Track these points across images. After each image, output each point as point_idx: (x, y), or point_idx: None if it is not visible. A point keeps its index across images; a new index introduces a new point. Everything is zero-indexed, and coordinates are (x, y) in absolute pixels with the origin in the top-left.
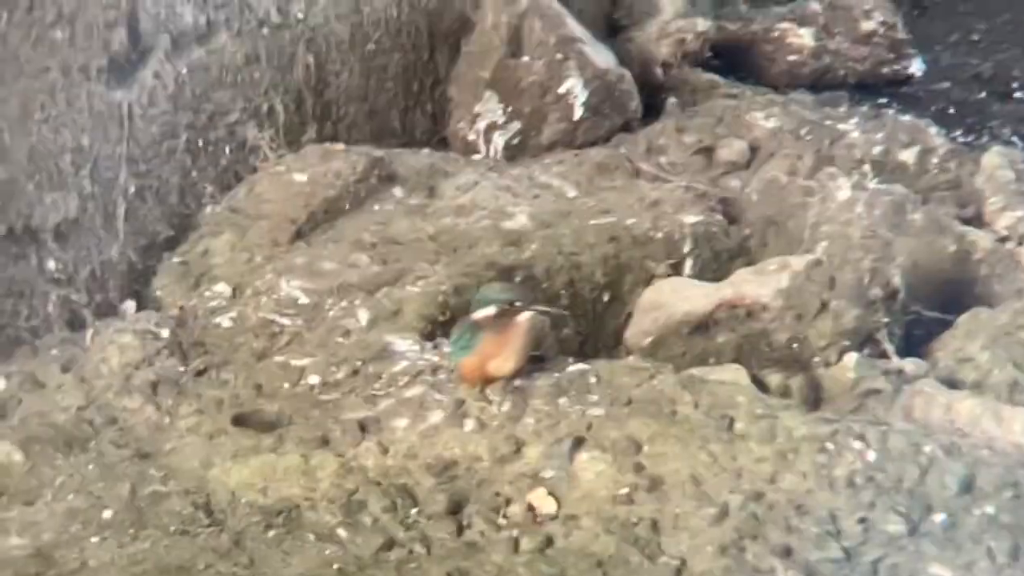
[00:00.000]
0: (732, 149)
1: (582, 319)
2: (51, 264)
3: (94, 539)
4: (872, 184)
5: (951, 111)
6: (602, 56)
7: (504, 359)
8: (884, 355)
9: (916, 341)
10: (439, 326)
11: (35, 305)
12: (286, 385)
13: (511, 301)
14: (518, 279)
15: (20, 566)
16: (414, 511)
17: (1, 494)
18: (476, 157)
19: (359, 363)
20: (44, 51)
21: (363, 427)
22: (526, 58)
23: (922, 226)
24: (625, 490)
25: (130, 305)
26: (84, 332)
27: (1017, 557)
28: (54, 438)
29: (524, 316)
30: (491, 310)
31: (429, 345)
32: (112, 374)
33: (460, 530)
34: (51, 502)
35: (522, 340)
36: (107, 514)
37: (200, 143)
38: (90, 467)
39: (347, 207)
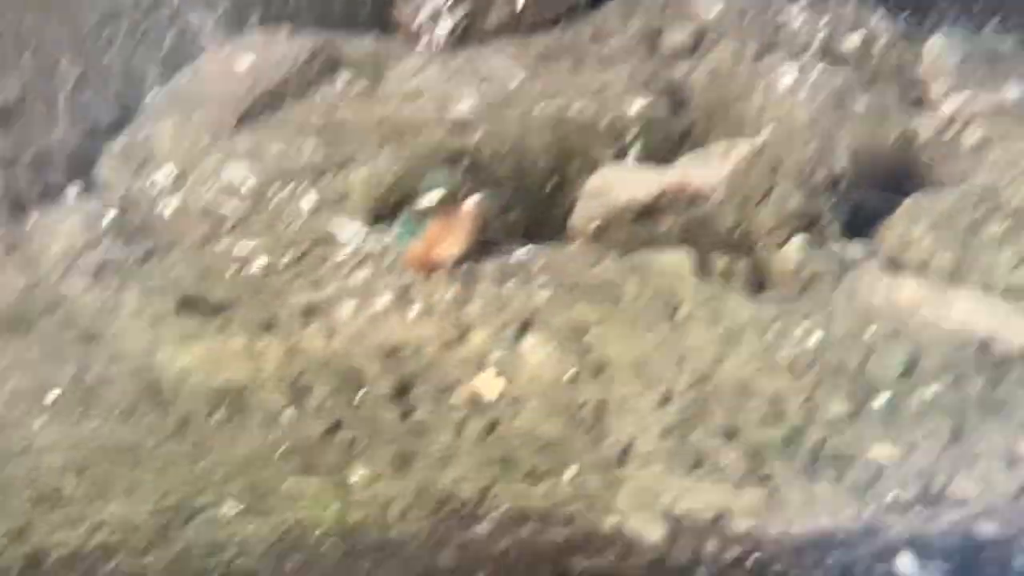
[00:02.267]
0: (677, 35)
1: (527, 205)
2: None
3: (40, 421)
4: (816, 70)
5: None
6: None
7: (449, 244)
8: (828, 239)
9: (860, 225)
10: (385, 212)
11: None
12: (231, 270)
13: (457, 187)
14: (464, 165)
15: None
16: (360, 394)
17: None
18: (421, 43)
19: (304, 248)
20: None
21: (309, 311)
22: None
23: (866, 112)
24: (571, 373)
25: (74, 189)
26: (27, 214)
27: (959, 437)
28: None
29: (469, 202)
30: (437, 195)
31: (375, 230)
32: (56, 258)
33: (407, 413)
34: None
35: (467, 226)
36: (52, 396)
37: (143, 27)
38: (35, 349)
39: (292, 92)
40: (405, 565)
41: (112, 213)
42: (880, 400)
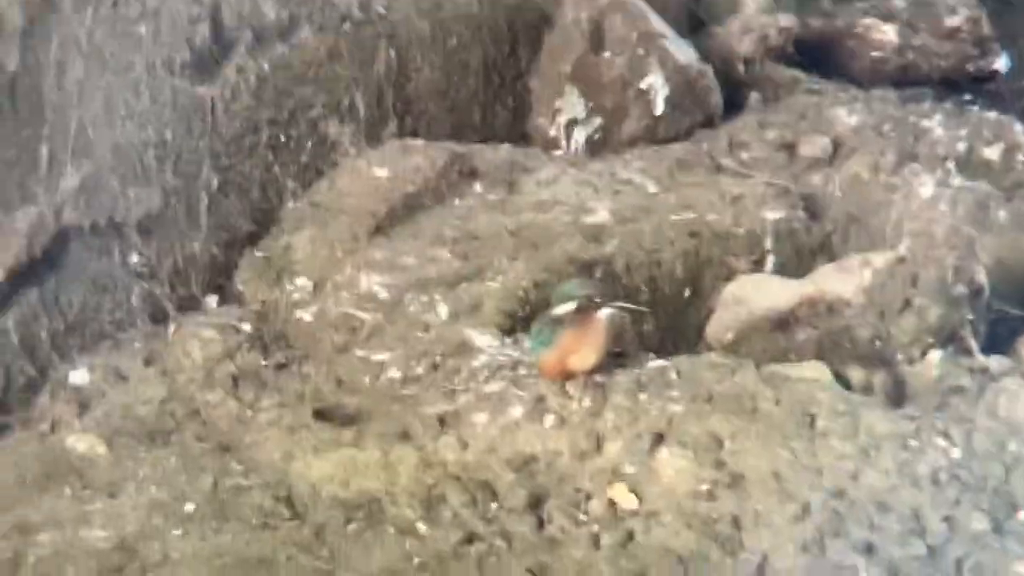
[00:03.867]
0: (814, 145)
1: (662, 315)
2: (134, 258)
3: (176, 532)
4: (956, 181)
5: None
6: (683, 52)
7: (584, 354)
8: (968, 352)
9: (1000, 339)
10: (519, 321)
11: (119, 299)
12: (366, 379)
13: (591, 297)
14: (598, 274)
15: (104, 558)
16: (494, 506)
17: (85, 487)
18: (557, 152)
19: (439, 357)
20: (129, 46)
21: (443, 421)
22: (607, 53)
23: (1006, 223)
24: (706, 486)
25: (212, 299)
26: (167, 326)
27: None
28: (137, 431)
29: (604, 312)
30: (571, 305)
31: (509, 340)
32: (194, 367)
33: (540, 525)
34: (134, 495)
35: (602, 336)
36: (189, 507)
37: (282, 138)
38: (172, 460)
39: (427, 202)
40: None
41: (249, 323)
42: (1022, 517)
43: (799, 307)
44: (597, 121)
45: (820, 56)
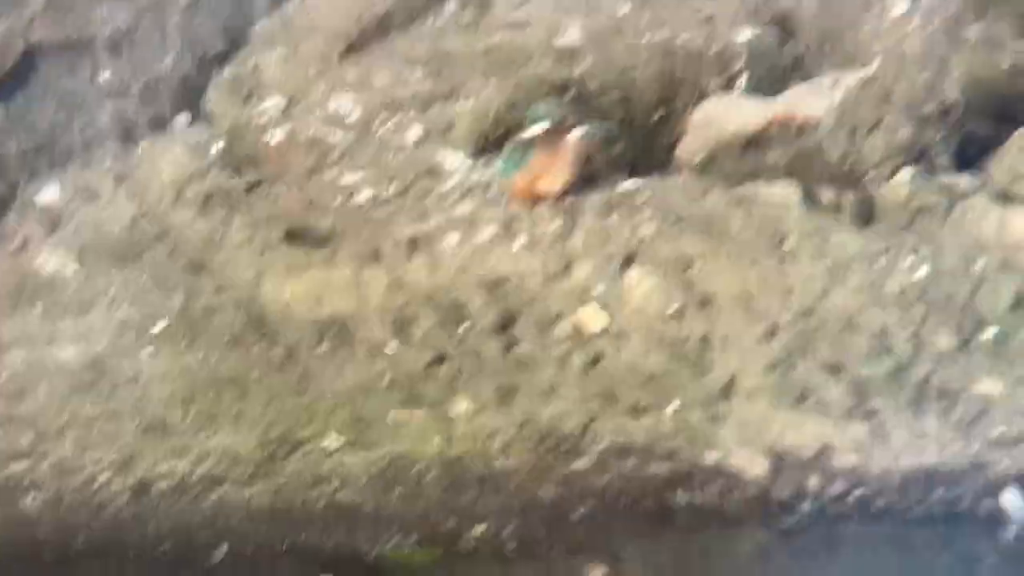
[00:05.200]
0: None
1: (634, 136)
2: (105, 75)
3: (147, 350)
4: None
5: None
6: None
7: (554, 176)
8: (938, 171)
9: (970, 157)
10: (490, 143)
11: (88, 117)
12: (337, 201)
13: (562, 118)
14: (570, 95)
15: (74, 375)
16: (464, 326)
17: (56, 305)
18: None
19: (410, 180)
20: None
21: (413, 243)
22: None
23: (978, 41)
24: (675, 307)
25: (183, 118)
26: (137, 144)
27: None
28: (107, 249)
29: (575, 133)
30: (543, 127)
31: (480, 162)
32: (164, 187)
33: (510, 346)
34: (105, 313)
35: (572, 158)
36: (160, 326)
37: None
38: (143, 279)
39: (400, 22)
40: (506, 498)
41: (220, 143)
42: (988, 334)
43: (770, 127)
44: None
45: None
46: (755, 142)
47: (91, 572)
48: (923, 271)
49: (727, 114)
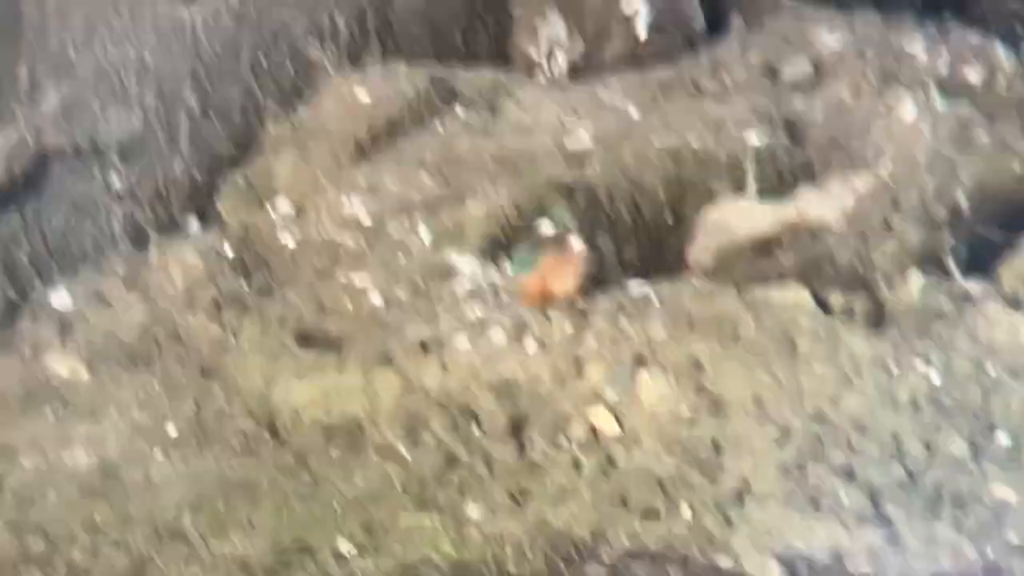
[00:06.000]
0: (796, 68)
1: (644, 240)
2: (116, 181)
3: (158, 455)
4: (937, 104)
5: (1018, 29)
6: None
7: (564, 279)
8: (949, 276)
9: (981, 262)
10: (501, 246)
11: (99, 222)
12: (348, 304)
13: (571, 221)
14: (580, 200)
15: (85, 481)
16: (475, 430)
17: (67, 410)
18: (539, 75)
19: (420, 282)
20: None
21: (425, 347)
22: None
23: (988, 146)
24: (687, 411)
25: (193, 223)
26: (148, 249)
27: None
28: (119, 355)
29: (579, 240)
30: (552, 230)
31: (490, 265)
32: (176, 291)
33: (521, 450)
34: (116, 418)
35: (582, 260)
36: (171, 431)
37: (263, 61)
38: (154, 384)
39: (409, 126)
40: None
41: (231, 246)
42: (1001, 440)
43: (780, 232)
44: (579, 45)
45: None
46: (766, 246)
47: None
48: (935, 377)
49: (737, 218)
